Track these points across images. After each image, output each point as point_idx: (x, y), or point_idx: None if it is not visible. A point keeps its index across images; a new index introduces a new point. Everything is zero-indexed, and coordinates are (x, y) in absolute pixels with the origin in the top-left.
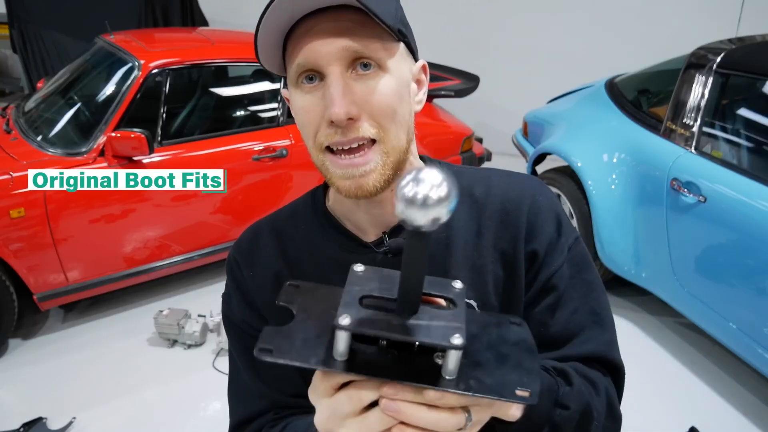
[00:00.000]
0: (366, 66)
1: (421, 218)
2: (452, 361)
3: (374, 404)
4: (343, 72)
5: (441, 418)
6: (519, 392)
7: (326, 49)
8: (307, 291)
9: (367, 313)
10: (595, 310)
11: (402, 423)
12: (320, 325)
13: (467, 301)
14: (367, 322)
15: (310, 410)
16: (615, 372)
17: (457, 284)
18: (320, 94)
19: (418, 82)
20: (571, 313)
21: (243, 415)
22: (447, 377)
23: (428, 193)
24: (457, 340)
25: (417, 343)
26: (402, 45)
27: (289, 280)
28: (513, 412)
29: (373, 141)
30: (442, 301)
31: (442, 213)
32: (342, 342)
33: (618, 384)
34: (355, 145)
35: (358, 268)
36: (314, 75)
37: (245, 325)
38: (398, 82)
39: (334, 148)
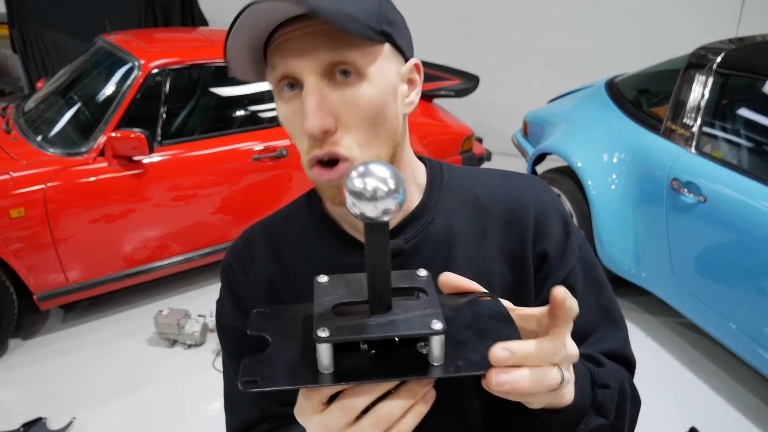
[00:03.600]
0: (345, 73)
1: (371, 210)
2: (436, 347)
3: (364, 411)
4: (318, 82)
5: (541, 372)
6: None
7: (300, 60)
8: (276, 314)
9: (343, 321)
10: (606, 308)
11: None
12: (298, 344)
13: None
14: (345, 329)
15: None
16: (628, 366)
17: (422, 272)
18: (300, 103)
19: (411, 81)
20: (586, 312)
21: (236, 425)
22: (435, 364)
23: (376, 185)
24: (437, 325)
25: (397, 338)
26: (387, 46)
27: (255, 309)
28: (567, 397)
29: (345, 159)
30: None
31: (391, 204)
32: (325, 355)
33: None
34: (332, 160)
35: (322, 279)
36: (294, 82)
37: (239, 332)
38: (380, 90)
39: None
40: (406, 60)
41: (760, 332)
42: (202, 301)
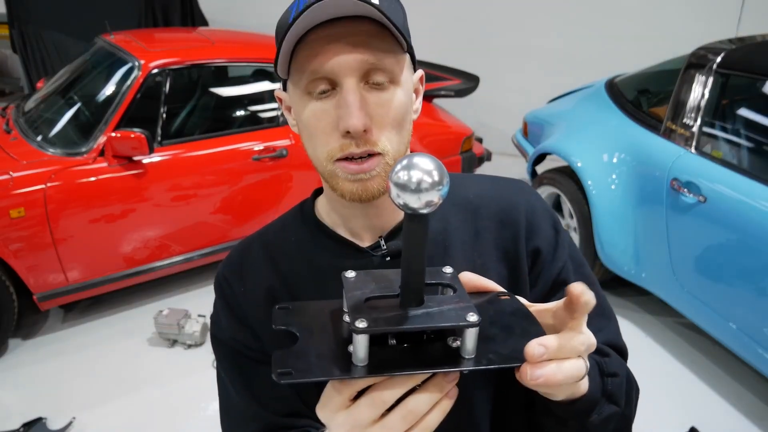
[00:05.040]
0: (378, 78)
1: (414, 201)
2: (470, 340)
3: (391, 407)
4: (357, 83)
5: (574, 364)
6: None
7: (344, 60)
8: (299, 310)
9: (378, 313)
10: (597, 302)
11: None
12: (327, 338)
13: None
14: (382, 321)
15: (306, 429)
16: (622, 355)
17: (448, 269)
18: (332, 102)
19: (416, 91)
20: None
21: None
22: (467, 357)
23: (421, 177)
24: (473, 317)
25: (425, 332)
26: (407, 56)
27: (277, 304)
28: (584, 387)
29: (378, 153)
30: None
31: (435, 196)
32: (361, 346)
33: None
34: (364, 156)
35: (350, 274)
36: (325, 83)
37: (236, 343)
38: (407, 95)
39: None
40: (414, 70)
41: (760, 332)
42: (202, 301)
